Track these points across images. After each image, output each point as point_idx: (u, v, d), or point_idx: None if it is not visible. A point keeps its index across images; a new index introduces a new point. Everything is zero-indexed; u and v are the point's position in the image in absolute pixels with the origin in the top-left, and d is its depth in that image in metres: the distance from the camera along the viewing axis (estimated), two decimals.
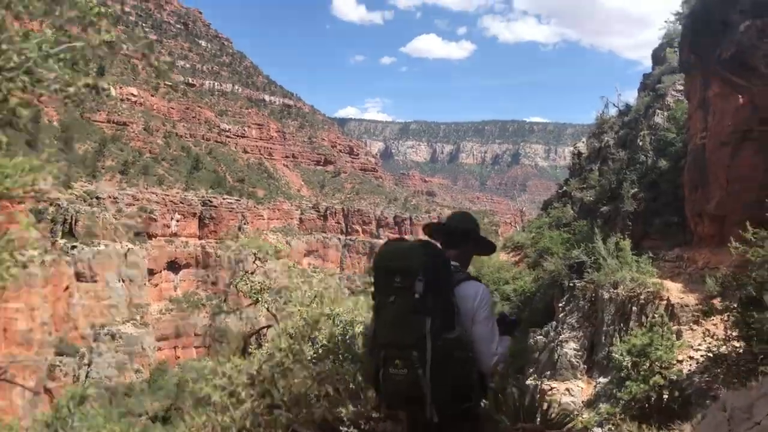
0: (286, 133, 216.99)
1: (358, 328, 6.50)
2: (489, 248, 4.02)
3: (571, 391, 36.92)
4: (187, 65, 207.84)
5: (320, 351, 6.43)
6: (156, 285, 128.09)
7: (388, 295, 3.29)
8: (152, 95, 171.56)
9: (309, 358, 6.58)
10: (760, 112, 31.66)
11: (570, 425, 8.71)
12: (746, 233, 24.27)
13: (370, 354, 3.42)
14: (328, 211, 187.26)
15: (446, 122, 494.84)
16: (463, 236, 3.78)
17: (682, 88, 49.93)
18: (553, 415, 8.35)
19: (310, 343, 6.90)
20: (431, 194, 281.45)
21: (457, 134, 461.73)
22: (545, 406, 8.31)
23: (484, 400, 3.71)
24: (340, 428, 5.55)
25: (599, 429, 32.14)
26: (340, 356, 6.10)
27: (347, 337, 6.24)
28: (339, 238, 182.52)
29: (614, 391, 32.74)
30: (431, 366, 3.10)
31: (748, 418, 4.06)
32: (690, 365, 28.48)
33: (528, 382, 41.37)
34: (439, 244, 3.65)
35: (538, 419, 8.09)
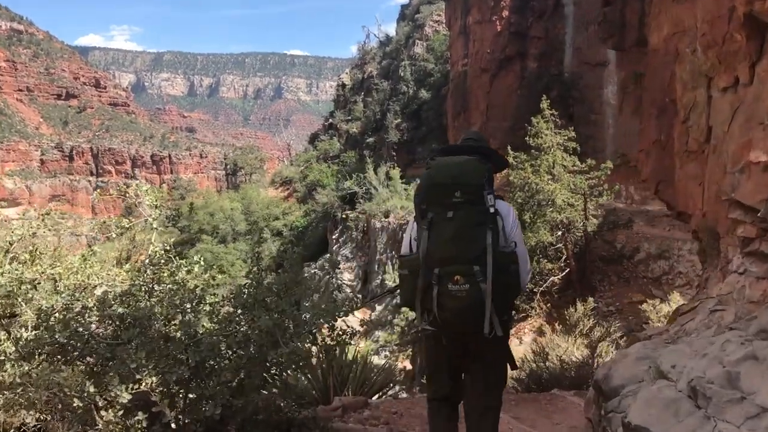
0: (17, 63, 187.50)
1: (97, 294, 3.96)
2: (503, 166, 3.93)
3: (348, 322, 36.85)
4: None
5: (27, 342, 3.67)
6: None
7: (446, 211, 3.18)
8: None
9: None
10: (517, 40, 33.10)
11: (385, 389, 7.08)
12: (507, 157, 25.10)
13: (422, 272, 3.17)
14: (74, 151, 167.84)
15: (204, 53, 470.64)
16: (490, 155, 3.66)
17: (439, 18, 51.09)
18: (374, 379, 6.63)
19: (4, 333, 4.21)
20: (191, 130, 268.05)
21: (217, 67, 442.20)
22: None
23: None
24: None
25: (376, 357, 32.52)
26: (64, 348, 3.45)
27: (76, 315, 3.52)
28: (89, 181, 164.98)
29: (390, 318, 33.38)
30: (492, 279, 3.05)
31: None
32: None
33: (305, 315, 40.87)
34: None
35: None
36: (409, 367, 29.85)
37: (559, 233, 23.91)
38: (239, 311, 3.54)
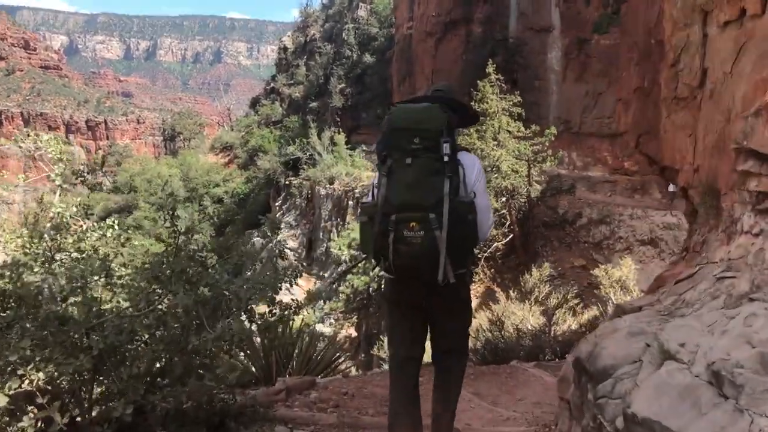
0: None
1: None
2: (471, 121, 3.84)
3: (291, 291, 36.27)
4: None
5: None
6: None
7: (404, 158, 3.12)
8: None
9: None
10: (463, 3, 32.45)
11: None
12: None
13: (378, 219, 3.12)
14: (3, 116, 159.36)
15: (140, 15, 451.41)
16: (458, 106, 3.47)
17: None
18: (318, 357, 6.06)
19: None
20: (128, 95, 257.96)
21: (154, 29, 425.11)
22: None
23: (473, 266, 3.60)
24: None
25: (321, 325, 32.05)
26: None
27: None
28: (20, 146, 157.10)
29: (334, 286, 32.88)
30: (447, 228, 3.01)
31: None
32: None
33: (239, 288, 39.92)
34: None
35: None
36: (354, 334, 29.58)
37: (504, 199, 23.83)
38: (154, 286, 2.82)
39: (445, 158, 3.09)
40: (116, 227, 3.63)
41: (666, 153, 3.96)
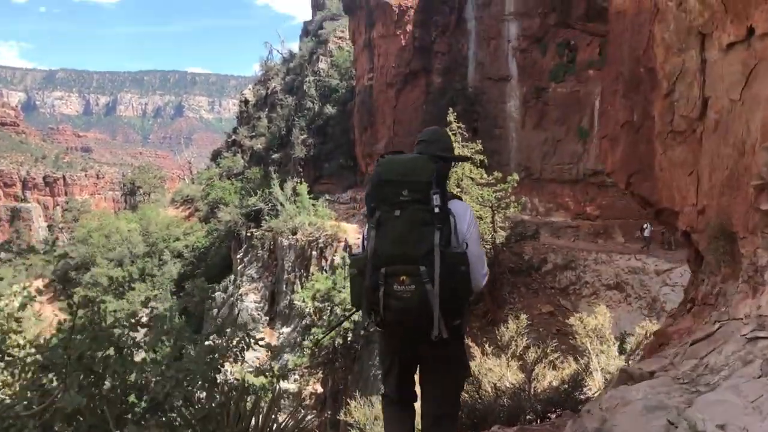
0: None
1: None
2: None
3: (254, 347, 34.88)
4: None
5: None
6: None
7: (393, 210, 3.08)
8: None
9: None
10: (422, 54, 32.72)
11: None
12: None
13: (368, 272, 3.09)
14: None
15: (100, 71, 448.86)
16: (449, 153, 3.54)
17: (343, 34, 50.38)
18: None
19: None
20: (87, 150, 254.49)
21: (114, 85, 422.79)
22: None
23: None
24: None
25: (285, 382, 30.83)
26: None
27: None
28: None
29: (299, 339, 31.77)
30: (439, 281, 2.92)
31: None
32: None
33: (207, 344, 38.42)
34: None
35: None
36: (320, 390, 28.44)
37: None
38: (44, 378, 2.16)
39: (436, 209, 3.03)
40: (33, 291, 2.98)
41: (663, 193, 3.53)
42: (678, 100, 3.33)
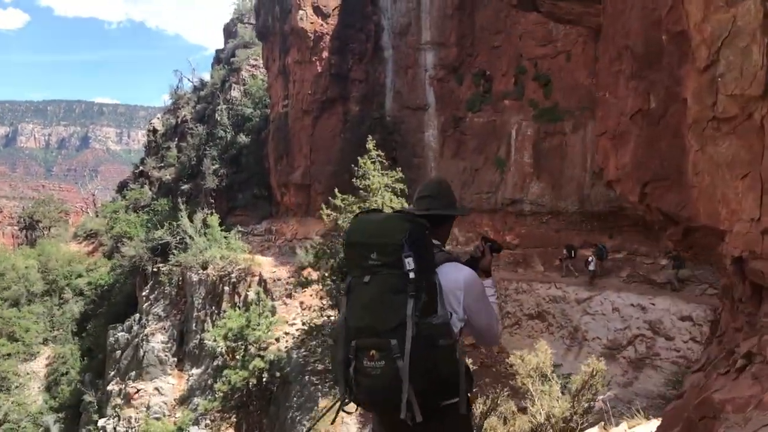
0: None
1: None
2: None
3: (161, 390, 32.27)
4: None
5: None
6: None
7: (363, 275, 2.78)
8: None
9: None
10: (339, 82, 31.82)
11: None
12: (335, 200, 23.39)
13: (339, 344, 2.86)
14: None
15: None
16: (452, 209, 3.26)
17: (256, 62, 49.04)
18: None
19: None
20: None
21: (14, 115, 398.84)
22: None
23: (469, 394, 3.03)
24: None
25: (195, 427, 28.49)
26: None
27: None
28: None
29: (210, 382, 29.56)
30: (412, 356, 2.58)
31: None
32: (287, 341, 26.81)
33: (110, 387, 35.40)
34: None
35: None
36: None
37: None
38: None
39: (410, 275, 2.68)
40: None
41: (699, 206, 2.52)
42: (725, 73, 2.35)
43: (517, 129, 26.97)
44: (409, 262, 2.67)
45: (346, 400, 2.81)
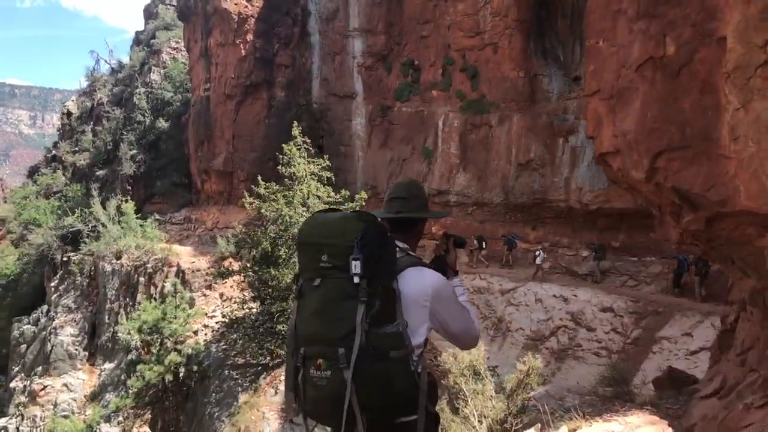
0: None
1: None
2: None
3: (70, 386, 30.05)
4: None
5: None
6: None
7: (313, 278, 2.56)
8: None
9: None
10: (264, 66, 30.40)
11: None
12: (259, 188, 22.21)
13: (290, 353, 2.69)
14: None
15: None
16: (415, 218, 2.96)
17: (178, 45, 46.67)
18: None
19: None
20: None
21: None
22: None
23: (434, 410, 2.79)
24: None
25: (107, 425, 26.72)
26: None
27: None
28: None
29: (123, 377, 27.78)
30: (357, 366, 2.38)
31: None
32: (206, 334, 25.45)
33: (13, 384, 32.80)
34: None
35: None
36: None
37: None
38: None
39: (355, 279, 2.41)
40: None
41: (739, 183, 1.82)
42: None
43: (445, 120, 26.57)
44: (356, 266, 2.43)
45: (294, 411, 2.62)
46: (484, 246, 24.91)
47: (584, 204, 22.33)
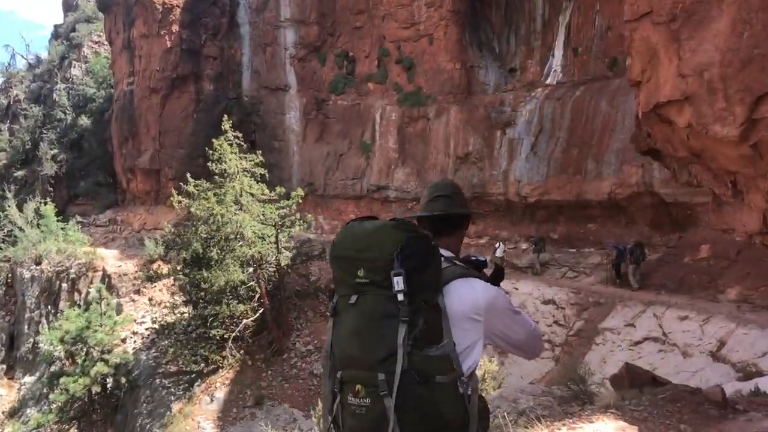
0: None
1: None
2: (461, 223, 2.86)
3: None
4: None
5: None
6: None
7: (349, 295, 2.30)
8: None
9: None
10: (191, 58, 28.80)
11: None
12: (188, 186, 20.91)
13: (326, 375, 2.42)
14: None
15: None
16: (461, 217, 2.77)
17: (100, 39, 44.07)
18: None
19: None
20: None
21: None
22: None
23: None
24: None
25: None
26: None
27: None
28: None
29: (46, 390, 25.87)
30: (399, 394, 2.13)
31: None
32: (135, 342, 23.88)
33: None
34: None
35: None
36: None
37: (251, 269, 20.54)
38: None
39: (399, 296, 2.15)
40: None
41: None
42: None
43: (382, 113, 25.80)
44: (398, 282, 2.17)
45: None
46: None
47: (522, 197, 22.03)
